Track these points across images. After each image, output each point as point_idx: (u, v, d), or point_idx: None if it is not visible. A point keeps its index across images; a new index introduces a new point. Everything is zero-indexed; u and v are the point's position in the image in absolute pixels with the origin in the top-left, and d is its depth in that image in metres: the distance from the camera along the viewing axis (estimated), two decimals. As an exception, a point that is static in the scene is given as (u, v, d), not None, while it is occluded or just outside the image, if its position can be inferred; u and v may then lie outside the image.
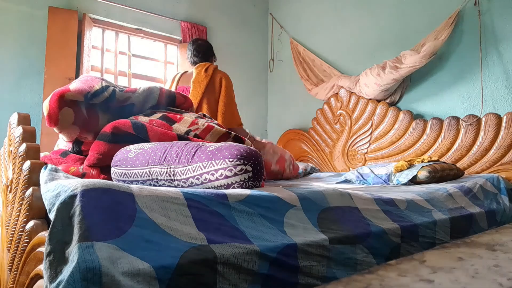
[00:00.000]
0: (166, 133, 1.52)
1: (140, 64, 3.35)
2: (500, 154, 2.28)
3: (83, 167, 1.52)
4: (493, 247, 0.47)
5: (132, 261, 0.66)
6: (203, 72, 2.58)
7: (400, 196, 1.46)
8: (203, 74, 2.58)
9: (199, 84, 2.55)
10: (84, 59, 2.80)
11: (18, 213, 0.91)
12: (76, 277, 0.60)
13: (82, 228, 0.67)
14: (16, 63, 2.65)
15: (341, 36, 3.35)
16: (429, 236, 1.31)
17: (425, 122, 2.65)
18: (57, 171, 0.97)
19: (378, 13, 3.06)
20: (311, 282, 0.90)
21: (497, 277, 0.35)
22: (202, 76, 2.57)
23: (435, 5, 2.69)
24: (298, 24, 3.74)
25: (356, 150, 3.05)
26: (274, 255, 0.84)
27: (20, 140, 1.02)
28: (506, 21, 2.36)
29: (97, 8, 3.00)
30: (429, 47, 2.47)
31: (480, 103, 2.43)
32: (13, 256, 0.89)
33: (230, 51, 3.80)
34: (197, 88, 2.55)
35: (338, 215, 1.11)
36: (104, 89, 1.60)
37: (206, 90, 2.55)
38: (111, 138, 1.48)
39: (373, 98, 2.95)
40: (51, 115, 1.50)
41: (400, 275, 0.36)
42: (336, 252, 0.98)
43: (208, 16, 3.63)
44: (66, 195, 0.74)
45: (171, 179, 1.20)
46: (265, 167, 1.86)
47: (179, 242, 0.76)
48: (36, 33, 2.72)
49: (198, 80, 2.56)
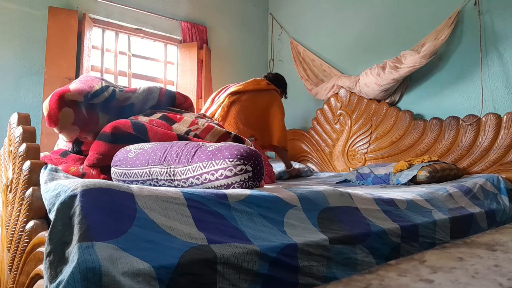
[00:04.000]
0: (166, 133, 1.52)
1: (140, 64, 3.35)
2: (500, 154, 2.28)
3: (83, 167, 1.52)
4: (493, 247, 0.47)
5: (132, 261, 0.66)
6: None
7: (400, 196, 1.46)
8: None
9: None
10: (84, 59, 2.80)
11: (18, 213, 0.91)
12: (76, 277, 0.60)
13: (82, 228, 0.67)
14: (16, 63, 2.65)
15: (341, 36, 3.35)
16: (429, 236, 1.31)
17: (425, 122, 2.65)
18: (57, 171, 0.96)
19: (378, 13, 3.06)
20: (311, 282, 0.90)
21: (497, 277, 0.35)
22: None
23: (435, 5, 2.69)
24: (298, 24, 3.74)
25: (356, 150, 3.04)
26: (274, 255, 0.84)
27: (20, 140, 1.02)
28: (506, 21, 2.36)
29: (97, 8, 3.00)
30: (429, 47, 2.47)
31: (480, 103, 2.43)
32: (13, 256, 0.89)
33: (230, 51, 3.80)
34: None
35: (338, 215, 1.11)
36: (104, 89, 1.60)
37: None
38: (111, 138, 1.48)
39: (373, 98, 2.95)
40: (51, 115, 1.50)
41: (400, 275, 0.36)
42: (336, 252, 0.98)
43: (208, 16, 3.63)
44: (66, 195, 0.74)
45: (171, 179, 1.20)
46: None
47: (179, 242, 0.76)
48: (36, 33, 2.72)
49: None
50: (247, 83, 2.73)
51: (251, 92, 2.68)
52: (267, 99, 2.70)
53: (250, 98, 2.66)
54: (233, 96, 2.65)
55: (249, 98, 2.66)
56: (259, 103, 2.67)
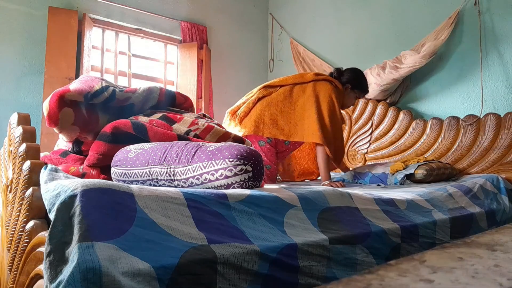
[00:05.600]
0: (166, 133, 1.52)
1: (140, 64, 3.35)
2: (500, 154, 2.28)
3: (83, 167, 1.52)
4: (493, 247, 0.47)
5: (132, 261, 0.66)
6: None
7: (400, 196, 1.46)
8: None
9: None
10: (84, 59, 2.80)
11: (18, 213, 0.91)
12: (76, 277, 0.60)
13: (82, 228, 0.67)
14: (16, 63, 2.65)
15: (341, 36, 3.35)
16: (429, 236, 1.31)
17: (425, 122, 2.65)
18: (57, 171, 0.96)
19: (378, 13, 3.06)
20: (311, 282, 0.90)
21: (497, 277, 0.35)
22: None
23: (435, 5, 2.69)
24: (298, 24, 3.74)
25: (356, 150, 3.04)
26: (274, 255, 0.84)
27: (20, 140, 1.02)
28: (506, 21, 2.36)
29: (97, 8, 3.00)
30: (429, 47, 2.47)
31: (480, 103, 2.43)
32: (13, 256, 0.89)
33: (230, 51, 3.80)
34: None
35: (338, 215, 1.11)
36: (104, 89, 1.60)
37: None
38: (111, 138, 1.48)
39: (373, 98, 2.95)
40: (51, 115, 1.50)
41: (400, 275, 0.36)
42: (336, 252, 0.98)
43: (208, 16, 3.63)
44: (66, 195, 0.74)
45: (171, 179, 1.20)
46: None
47: (179, 242, 0.76)
48: (36, 33, 2.72)
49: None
50: (289, 77, 2.34)
51: (289, 86, 2.27)
52: (310, 90, 2.21)
53: (284, 92, 2.25)
54: (265, 91, 2.29)
55: (284, 92, 2.25)
56: (295, 96, 2.23)
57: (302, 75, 2.36)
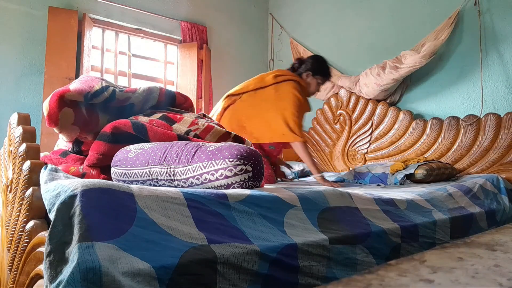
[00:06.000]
0: (166, 133, 1.52)
1: (140, 64, 3.35)
2: (500, 154, 2.28)
3: (83, 167, 1.52)
4: (493, 247, 0.47)
5: (132, 261, 0.66)
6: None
7: (400, 196, 1.46)
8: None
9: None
10: (84, 59, 2.80)
11: (18, 213, 0.91)
12: (76, 277, 0.60)
13: (82, 228, 0.67)
14: (16, 63, 2.65)
15: (341, 36, 3.35)
16: (429, 236, 1.31)
17: (425, 122, 2.65)
18: (57, 171, 0.97)
19: (378, 13, 3.06)
20: (311, 282, 0.90)
21: (497, 277, 0.35)
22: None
23: (435, 5, 2.69)
24: (298, 24, 3.74)
25: (356, 150, 3.05)
26: (274, 255, 0.84)
27: (20, 140, 1.02)
28: (506, 21, 2.36)
29: (97, 8, 3.00)
30: (429, 47, 2.47)
31: (480, 103, 2.43)
32: (13, 256, 0.89)
33: (230, 51, 3.80)
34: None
35: (338, 215, 1.11)
36: (104, 89, 1.60)
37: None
38: (111, 138, 1.48)
39: (373, 98, 2.95)
40: (51, 115, 1.50)
41: (400, 275, 0.36)
42: (336, 252, 0.98)
43: (208, 16, 3.63)
44: (66, 195, 0.74)
45: (171, 179, 1.20)
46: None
47: (179, 242, 0.76)
48: (36, 33, 2.72)
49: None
50: (249, 82, 2.39)
51: (252, 91, 2.33)
52: (272, 93, 2.27)
53: (248, 98, 2.30)
54: (230, 100, 2.33)
55: (247, 98, 2.30)
56: (259, 100, 2.28)
57: (263, 78, 2.39)
